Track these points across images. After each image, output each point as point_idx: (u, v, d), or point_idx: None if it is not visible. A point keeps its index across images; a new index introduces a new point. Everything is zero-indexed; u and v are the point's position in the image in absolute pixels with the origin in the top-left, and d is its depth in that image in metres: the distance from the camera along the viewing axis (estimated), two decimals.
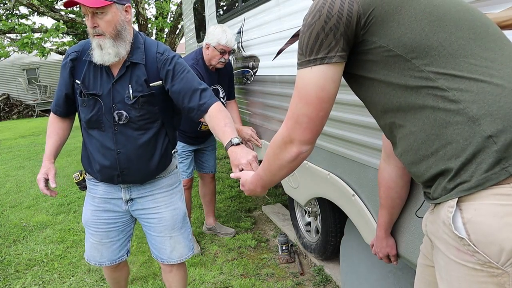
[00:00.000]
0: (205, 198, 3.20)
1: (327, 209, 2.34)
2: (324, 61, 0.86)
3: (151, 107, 1.61)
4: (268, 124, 2.65)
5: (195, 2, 4.40)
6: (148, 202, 1.75)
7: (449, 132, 0.76)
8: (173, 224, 1.77)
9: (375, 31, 0.82)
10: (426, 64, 0.79)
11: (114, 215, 1.77)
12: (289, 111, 0.95)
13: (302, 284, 2.44)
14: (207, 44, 2.62)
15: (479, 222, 0.71)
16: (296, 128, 0.93)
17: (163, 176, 1.76)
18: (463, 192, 0.74)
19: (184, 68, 1.62)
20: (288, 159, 0.97)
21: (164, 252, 1.81)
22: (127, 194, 1.74)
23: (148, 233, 1.82)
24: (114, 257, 1.83)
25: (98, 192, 1.75)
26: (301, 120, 0.92)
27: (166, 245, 1.79)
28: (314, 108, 0.90)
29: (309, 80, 0.89)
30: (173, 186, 1.81)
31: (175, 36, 11.05)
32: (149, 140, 1.64)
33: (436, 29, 0.79)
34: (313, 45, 0.86)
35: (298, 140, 0.94)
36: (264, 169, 1.07)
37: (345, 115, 1.68)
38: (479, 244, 0.71)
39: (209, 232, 3.24)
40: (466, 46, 0.78)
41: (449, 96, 0.76)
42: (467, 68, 0.77)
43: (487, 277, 0.72)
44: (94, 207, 1.76)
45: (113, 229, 1.79)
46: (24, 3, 8.58)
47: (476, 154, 0.73)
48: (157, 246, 1.81)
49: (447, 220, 0.76)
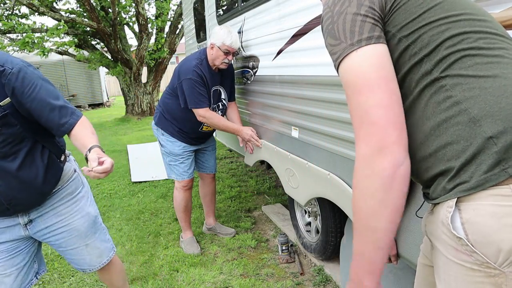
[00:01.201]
0: (205, 198, 3.20)
1: (327, 209, 2.34)
2: (371, 41, 0.77)
3: (11, 128, 1.33)
4: (268, 124, 2.66)
5: (195, 2, 4.40)
6: (51, 218, 1.54)
7: (450, 133, 0.76)
8: (86, 232, 1.61)
9: (392, 21, 0.81)
10: (435, 63, 0.78)
11: (14, 242, 1.52)
12: (354, 120, 0.77)
13: (302, 284, 2.44)
14: (212, 44, 2.62)
15: (478, 222, 0.71)
16: (374, 130, 0.74)
17: (60, 187, 1.55)
18: (462, 192, 0.74)
19: (34, 84, 1.35)
20: (382, 183, 0.73)
21: (84, 262, 1.64)
22: (24, 217, 1.50)
23: (61, 250, 1.61)
24: (24, 284, 1.56)
25: None
26: (375, 116, 0.74)
27: (84, 254, 1.62)
28: (382, 91, 0.74)
29: (361, 63, 0.77)
30: (76, 193, 1.60)
31: (175, 36, 11.06)
32: (25, 162, 1.39)
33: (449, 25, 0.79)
34: (352, 29, 0.78)
35: (382, 145, 0.73)
36: (360, 235, 0.80)
37: (345, 115, 1.68)
38: (477, 244, 0.71)
39: (209, 232, 3.24)
40: (473, 44, 0.78)
41: (451, 95, 0.76)
42: (472, 66, 0.76)
43: (484, 277, 0.72)
44: None
45: (16, 255, 1.52)
46: (24, 3, 8.58)
47: (476, 155, 0.72)
48: (74, 258, 1.63)
49: (445, 220, 0.76)
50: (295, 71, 2.12)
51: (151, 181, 4.77)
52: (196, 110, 2.64)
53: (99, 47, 11.46)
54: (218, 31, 2.62)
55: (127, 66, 10.57)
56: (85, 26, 9.78)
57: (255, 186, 4.32)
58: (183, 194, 2.93)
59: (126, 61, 10.45)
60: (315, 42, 1.85)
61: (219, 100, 2.82)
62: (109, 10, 9.95)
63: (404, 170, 0.75)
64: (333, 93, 1.76)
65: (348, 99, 0.79)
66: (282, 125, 2.42)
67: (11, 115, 1.32)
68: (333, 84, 1.76)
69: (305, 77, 2.02)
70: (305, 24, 1.93)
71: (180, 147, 2.83)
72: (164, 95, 2.90)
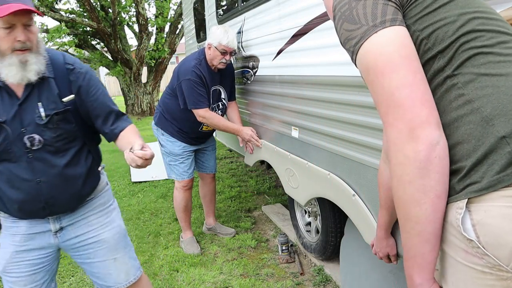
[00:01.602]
0: (205, 198, 3.20)
1: (327, 209, 2.34)
2: (396, 22, 0.74)
3: (68, 125, 1.41)
4: (268, 124, 2.66)
5: (195, 2, 4.40)
6: (82, 227, 1.53)
7: (461, 132, 0.74)
8: (116, 244, 1.58)
9: (408, 13, 0.80)
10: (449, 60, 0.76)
11: (41, 253, 1.50)
12: (380, 106, 0.73)
13: (302, 284, 2.44)
14: (209, 44, 2.63)
15: (489, 224, 0.69)
16: (401, 112, 0.70)
17: (93, 196, 1.57)
18: (473, 193, 0.71)
19: (97, 86, 1.47)
20: (419, 167, 0.69)
21: (110, 278, 1.58)
22: (56, 224, 1.49)
23: (88, 262, 1.57)
24: None
25: (19, 230, 1.47)
26: (401, 97, 0.70)
27: (112, 269, 1.57)
28: (406, 71, 0.71)
29: (383, 44, 0.73)
30: (107, 205, 1.61)
31: (175, 36, 11.06)
32: (71, 162, 1.44)
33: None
34: (374, 11, 0.75)
35: (412, 127, 0.69)
36: (404, 227, 0.76)
37: (345, 115, 1.68)
38: (488, 246, 0.69)
39: (209, 232, 3.24)
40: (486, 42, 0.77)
41: (463, 93, 0.74)
42: (484, 64, 0.75)
43: (496, 280, 0.70)
44: (15, 247, 1.46)
45: (39, 271, 1.51)
46: None
47: (488, 155, 0.70)
48: (100, 274, 1.58)
49: (455, 221, 0.73)
50: (295, 71, 2.12)
51: (151, 181, 4.77)
52: (196, 110, 2.64)
53: (99, 47, 11.46)
54: (215, 31, 2.62)
55: (127, 66, 10.57)
56: (85, 26, 9.79)
57: (255, 186, 4.32)
58: (183, 194, 2.93)
59: (126, 61, 10.46)
60: (315, 42, 1.86)
61: (219, 99, 2.82)
62: (109, 10, 9.95)
63: (441, 149, 0.70)
64: (333, 93, 1.76)
65: (371, 85, 0.74)
66: (282, 125, 2.42)
67: (71, 112, 1.41)
68: (333, 84, 1.76)
69: (305, 77, 2.02)
70: (305, 24, 1.93)
71: (180, 147, 2.83)
72: (164, 95, 2.90)
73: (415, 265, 0.77)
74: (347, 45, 0.81)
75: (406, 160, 0.71)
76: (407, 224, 0.75)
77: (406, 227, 0.76)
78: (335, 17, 0.85)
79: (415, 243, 0.76)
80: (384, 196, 1.29)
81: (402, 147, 0.71)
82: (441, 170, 0.71)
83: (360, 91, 1.54)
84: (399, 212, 0.77)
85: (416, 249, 0.76)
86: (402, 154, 0.71)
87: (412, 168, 0.70)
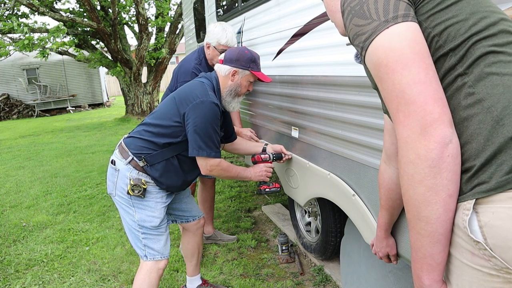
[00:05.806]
0: (205, 204, 3.04)
1: (327, 209, 2.34)
2: (408, 18, 0.73)
3: None
4: (268, 124, 2.65)
5: (195, 2, 4.40)
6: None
7: (470, 131, 0.72)
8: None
9: (420, 9, 0.79)
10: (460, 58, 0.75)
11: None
12: (391, 104, 0.72)
13: (302, 284, 2.44)
14: (208, 44, 2.54)
15: (497, 226, 0.67)
16: (413, 109, 0.68)
17: None
18: (480, 193, 0.69)
19: None
20: (430, 166, 0.68)
21: (195, 208, 2.25)
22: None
23: (180, 202, 2.17)
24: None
25: (164, 195, 2.00)
26: (412, 94, 0.68)
27: (193, 203, 2.25)
28: (418, 67, 0.69)
29: (394, 39, 0.72)
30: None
31: (175, 36, 11.06)
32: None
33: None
34: (386, 7, 0.74)
35: (424, 124, 0.68)
36: (413, 227, 0.75)
37: (345, 115, 1.68)
38: (496, 248, 0.68)
39: (209, 241, 3.04)
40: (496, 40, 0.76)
41: (474, 92, 0.73)
42: (495, 63, 0.74)
43: (503, 283, 0.69)
44: (162, 204, 1.96)
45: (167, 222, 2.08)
46: (24, 3, 8.58)
47: (497, 155, 0.68)
48: (188, 207, 2.22)
49: (462, 223, 0.72)
50: (295, 71, 2.12)
51: None
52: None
53: (99, 47, 11.47)
54: (213, 29, 2.50)
55: (127, 66, 10.57)
56: (85, 26, 9.79)
57: (255, 186, 4.31)
58: None
59: (126, 61, 10.45)
60: (315, 42, 1.86)
61: None
62: (109, 10, 9.95)
63: (453, 148, 0.69)
64: (333, 93, 1.76)
65: (381, 82, 0.73)
66: (282, 125, 2.42)
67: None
68: (333, 84, 1.76)
69: (305, 77, 2.02)
70: (305, 24, 1.93)
71: None
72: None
73: (425, 266, 0.77)
74: (356, 41, 0.79)
75: (418, 159, 0.69)
76: (417, 225, 0.74)
77: (416, 228, 0.74)
78: (344, 12, 0.83)
79: (425, 244, 0.75)
80: (384, 196, 1.28)
81: (413, 145, 0.69)
82: (453, 169, 0.70)
83: (360, 91, 1.54)
84: (408, 213, 0.75)
85: (426, 250, 0.75)
86: (413, 152, 0.69)
87: (423, 167, 0.69)
